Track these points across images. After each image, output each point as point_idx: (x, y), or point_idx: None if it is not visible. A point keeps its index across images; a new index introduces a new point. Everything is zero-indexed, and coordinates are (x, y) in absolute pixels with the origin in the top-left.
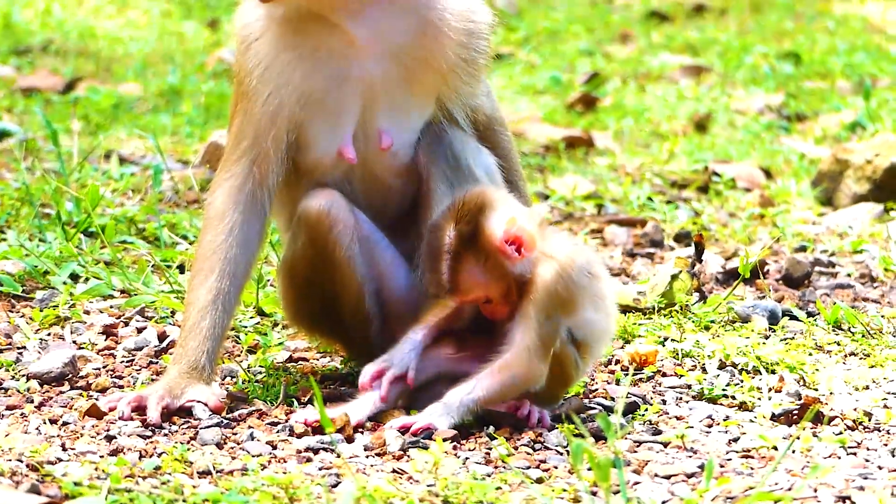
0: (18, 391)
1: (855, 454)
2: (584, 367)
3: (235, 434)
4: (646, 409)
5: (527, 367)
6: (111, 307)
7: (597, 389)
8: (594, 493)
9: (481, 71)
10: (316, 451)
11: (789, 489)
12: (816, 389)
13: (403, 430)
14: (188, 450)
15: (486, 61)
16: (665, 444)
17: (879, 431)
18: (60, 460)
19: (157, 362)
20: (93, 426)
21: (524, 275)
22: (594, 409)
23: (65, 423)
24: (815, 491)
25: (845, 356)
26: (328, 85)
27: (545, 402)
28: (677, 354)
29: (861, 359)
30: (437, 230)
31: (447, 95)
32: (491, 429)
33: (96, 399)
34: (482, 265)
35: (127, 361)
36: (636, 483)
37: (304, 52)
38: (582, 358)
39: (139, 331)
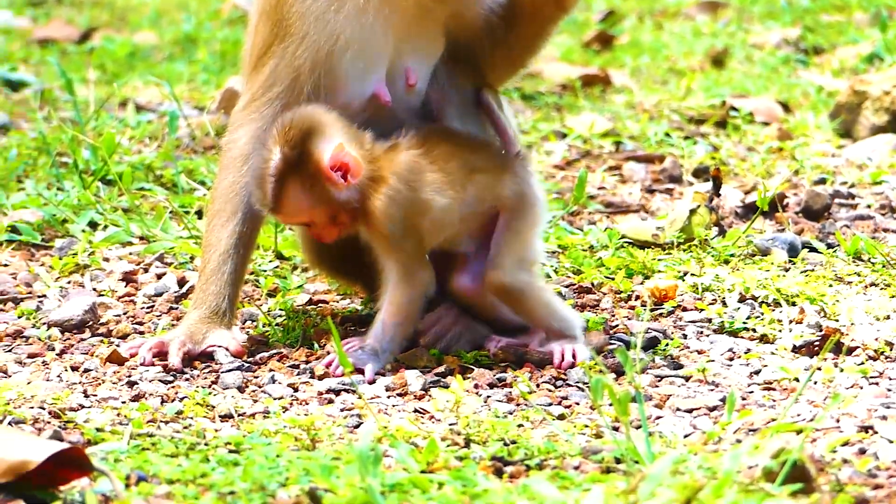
0: (39, 339)
1: (877, 384)
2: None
3: (256, 377)
4: (666, 344)
5: (408, 287)
6: (130, 254)
7: (617, 325)
8: (616, 429)
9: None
10: (337, 393)
11: (811, 420)
12: (837, 320)
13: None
14: (210, 394)
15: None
16: (686, 378)
17: None
18: (82, 407)
19: (177, 308)
20: (114, 372)
21: (351, 202)
22: (615, 344)
23: (86, 370)
24: (838, 421)
25: (865, 287)
26: (368, 29)
27: None
28: (697, 289)
29: (881, 289)
30: (259, 149)
31: (459, 32)
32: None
33: (117, 345)
34: (307, 190)
35: (147, 307)
36: (658, 417)
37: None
38: None
39: (159, 277)
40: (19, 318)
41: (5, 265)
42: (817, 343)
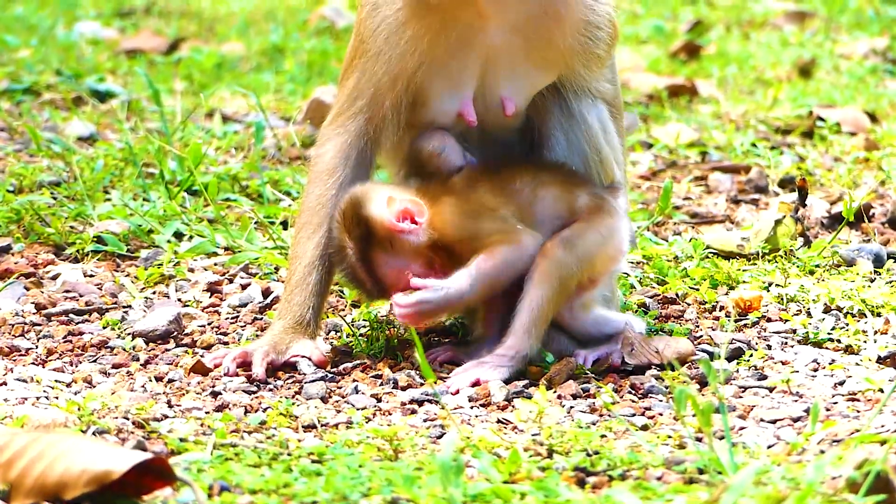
0: (124, 349)
1: None
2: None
3: (340, 388)
4: (751, 355)
5: (507, 244)
6: (215, 264)
7: (701, 336)
8: (699, 440)
9: (602, 60)
10: (420, 403)
11: (895, 431)
12: None
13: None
14: (293, 404)
15: (606, 52)
16: (770, 389)
17: None
18: (166, 417)
19: (261, 318)
20: (198, 383)
21: (432, 238)
22: (699, 355)
23: (170, 381)
24: None
25: None
26: (452, 53)
27: None
28: (782, 299)
29: None
30: (337, 253)
31: (567, 74)
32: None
33: (201, 356)
34: (393, 254)
35: (231, 318)
36: (742, 428)
37: (434, 21)
38: None
39: (243, 287)
40: (104, 328)
41: (91, 276)
42: None
